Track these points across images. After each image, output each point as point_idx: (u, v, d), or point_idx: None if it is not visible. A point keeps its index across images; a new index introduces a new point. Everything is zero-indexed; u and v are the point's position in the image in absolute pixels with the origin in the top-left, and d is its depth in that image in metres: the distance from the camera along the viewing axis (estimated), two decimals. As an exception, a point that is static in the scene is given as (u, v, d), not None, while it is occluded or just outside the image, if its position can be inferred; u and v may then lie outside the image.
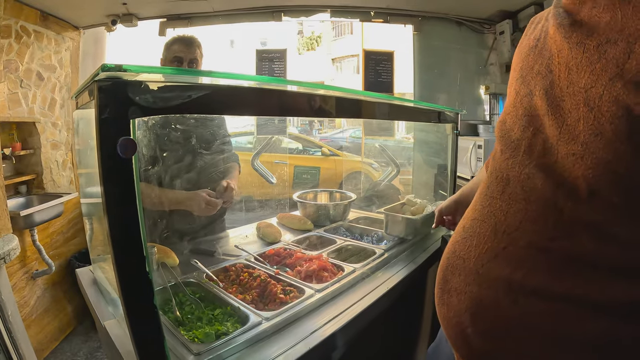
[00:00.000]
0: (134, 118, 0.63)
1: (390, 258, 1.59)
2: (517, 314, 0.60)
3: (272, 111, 1.06)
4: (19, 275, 2.51)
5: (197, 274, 1.35)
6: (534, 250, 0.59)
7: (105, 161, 0.62)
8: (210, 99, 0.72)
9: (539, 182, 0.59)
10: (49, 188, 3.06)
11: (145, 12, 3.11)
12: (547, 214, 0.58)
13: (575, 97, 0.54)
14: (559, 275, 0.57)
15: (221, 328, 1.00)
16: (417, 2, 2.98)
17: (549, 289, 0.57)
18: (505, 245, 0.63)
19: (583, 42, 0.54)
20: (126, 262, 0.66)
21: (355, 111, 1.37)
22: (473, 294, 0.66)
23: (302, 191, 2.44)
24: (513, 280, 0.61)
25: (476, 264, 0.67)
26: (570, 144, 0.54)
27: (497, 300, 0.62)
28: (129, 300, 0.68)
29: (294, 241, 1.77)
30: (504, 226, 0.64)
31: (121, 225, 0.65)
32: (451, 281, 0.72)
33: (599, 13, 0.53)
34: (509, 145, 0.67)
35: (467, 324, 0.66)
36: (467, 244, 0.70)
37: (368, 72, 3.18)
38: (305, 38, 21.14)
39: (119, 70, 0.60)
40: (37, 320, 2.64)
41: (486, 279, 0.65)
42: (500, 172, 0.68)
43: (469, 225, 0.73)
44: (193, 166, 1.79)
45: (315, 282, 1.32)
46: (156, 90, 0.65)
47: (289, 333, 1.05)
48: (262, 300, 1.21)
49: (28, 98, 2.88)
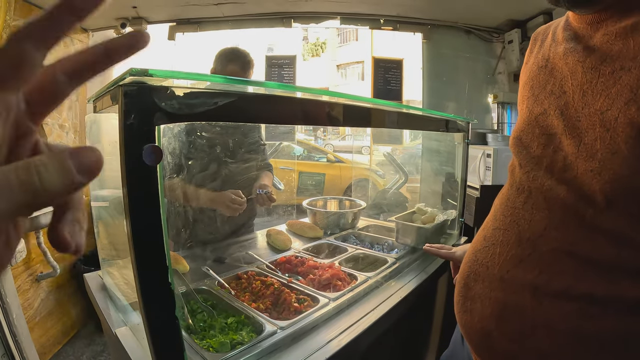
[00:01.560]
0: (159, 124, 0.62)
1: (402, 267, 1.58)
2: (542, 316, 0.64)
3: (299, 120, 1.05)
4: (23, 278, 2.49)
5: (209, 281, 1.33)
6: (557, 254, 0.63)
7: (130, 168, 0.61)
8: (236, 106, 0.71)
9: (561, 193, 0.64)
10: (55, 190, 3.04)
11: (155, 16, 3.12)
12: (569, 221, 0.63)
13: (592, 118, 0.59)
14: (582, 276, 0.61)
15: (236, 337, 0.99)
16: (426, 11, 2.98)
17: (572, 290, 0.61)
18: (530, 251, 0.67)
19: (597, 68, 0.59)
20: (148, 272, 0.65)
21: (375, 120, 1.37)
22: (498, 299, 0.70)
23: (312, 198, 2.43)
24: (538, 283, 0.65)
25: (501, 270, 0.71)
26: (588, 161, 0.59)
27: (523, 304, 0.66)
28: (150, 310, 0.67)
29: (304, 249, 1.76)
30: (528, 234, 0.68)
31: (144, 233, 0.64)
32: (474, 288, 0.76)
33: (611, 40, 0.59)
34: (529, 161, 0.72)
35: (492, 328, 0.70)
36: (490, 251, 0.74)
37: (377, 79, 3.18)
38: (310, 44, 21.21)
39: (145, 75, 0.59)
40: (41, 322, 2.62)
41: (511, 284, 0.68)
42: (521, 185, 0.73)
43: (490, 234, 0.77)
44: (223, 172, 1.80)
45: (330, 291, 1.30)
46: (182, 96, 0.64)
47: (305, 342, 1.03)
48: (275, 309, 1.20)
49: (35, 100, 2.87)
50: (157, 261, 0.65)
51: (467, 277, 0.79)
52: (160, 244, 0.65)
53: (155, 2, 2.83)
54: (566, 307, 0.61)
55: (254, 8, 2.89)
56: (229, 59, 1.83)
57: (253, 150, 1.96)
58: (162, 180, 0.63)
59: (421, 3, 2.82)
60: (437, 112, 1.82)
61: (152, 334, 0.67)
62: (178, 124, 1.53)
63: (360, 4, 2.91)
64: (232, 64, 1.81)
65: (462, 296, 0.79)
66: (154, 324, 0.67)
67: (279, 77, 3.09)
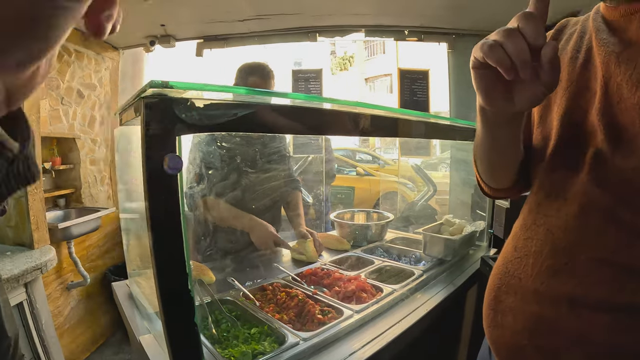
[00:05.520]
0: (180, 135, 0.64)
1: (429, 279, 1.55)
2: (578, 328, 0.60)
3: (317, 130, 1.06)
4: (54, 286, 2.60)
5: (234, 292, 1.35)
6: (595, 263, 0.59)
7: (151, 177, 0.63)
8: (256, 117, 0.73)
9: (597, 196, 0.60)
10: (87, 202, 3.17)
11: (183, 33, 3.23)
12: (607, 227, 0.59)
13: (629, 113, 0.56)
14: (622, 286, 0.57)
15: (258, 347, 0.99)
16: (450, 20, 2.96)
17: (611, 300, 0.57)
18: (566, 261, 0.63)
19: (634, 60, 0.57)
20: (168, 279, 0.66)
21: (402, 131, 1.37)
22: (533, 312, 0.66)
23: (339, 211, 2.43)
24: (576, 294, 0.61)
25: (535, 282, 0.67)
26: (628, 159, 0.56)
27: (560, 316, 0.62)
28: (170, 317, 0.68)
29: (331, 261, 1.75)
30: (564, 242, 0.64)
31: (165, 241, 0.65)
32: (505, 301, 0.72)
33: None
34: (558, 162, 0.68)
35: (526, 343, 0.66)
36: (523, 262, 0.70)
37: (403, 91, 3.17)
38: (338, 58, 21.43)
39: (165, 87, 0.61)
40: (70, 330, 2.72)
41: (547, 296, 0.65)
42: (553, 189, 0.68)
43: (521, 244, 0.73)
44: (243, 182, 1.84)
45: (354, 303, 1.29)
46: (202, 107, 0.66)
47: (327, 354, 1.02)
48: (299, 320, 1.19)
49: (68, 115, 3.01)
50: (178, 268, 0.66)
51: (497, 289, 0.75)
52: (181, 250, 0.66)
53: (182, 20, 2.94)
54: (604, 319, 0.58)
55: (279, 23, 2.95)
56: (248, 72, 1.89)
57: (274, 160, 1.99)
58: (182, 188, 0.65)
59: (445, 13, 2.80)
60: (461, 121, 1.79)
61: (170, 338, 0.68)
62: (197, 135, 1.58)
63: (384, 16, 2.93)
64: (253, 76, 1.87)
65: (492, 309, 0.75)
66: (172, 329, 0.68)
67: (305, 91, 3.12)
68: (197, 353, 0.72)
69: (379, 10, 2.81)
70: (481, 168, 0.86)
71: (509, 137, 0.71)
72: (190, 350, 0.71)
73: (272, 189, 1.94)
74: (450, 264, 1.71)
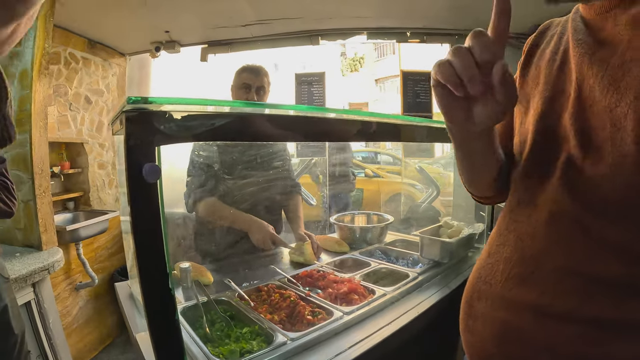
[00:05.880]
0: (159, 145, 0.68)
1: (423, 282, 1.56)
2: (545, 339, 0.59)
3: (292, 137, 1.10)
4: (63, 286, 2.67)
5: (230, 292, 1.39)
6: (561, 274, 0.59)
7: (133, 185, 0.67)
8: (232, 126, 0.77)
9: (566, 204, 0.59)
10: (96, 205, 3.25)
11: (187, 39, 3.29)
12: (574, 237, 0.58)
13: (600, 116, 0.54)
14: (588, 298, 0.56)
15: (246, 346, 1.02)
16: (452, 21, 2.96)
17: (577, 312, 0.56)
18: (533, 269, 0.62)
19: (606, 60, 0.54)
20: (151, 278, 0.70)
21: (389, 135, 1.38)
22: (500, 319, 0.66)
23: (340, 213, 2.45)
24: (541, 304, 0.60)
25: (503, 288, 0.67)
26: (597, 165, 0.54)
27: (524, 325, 0.62)
28: (153, 314, 0.72)
29: (328, 263, 1.78)
30: (531, 250, 0.63)
31: (146, 243, 0.69)
32: (476, 306, 0.72)
33: (621, 31, 0.54)
34: (534, 167, 0.67)
35: (495, 351, 0.66)
36: (494, 269, 0.70)
37: (406, 92, 3.17)
38: (348, 60, 21.43)
39: (145, 103, 0.65)
40: (78, 329, 2.79)
41: (513, 304, 0.64)
42: (525, 196, 0.68)
43: (494, 250, 0.72)
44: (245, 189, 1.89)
45: (345, 305, 1.31)
46: (180, 119, 0.70)
47: (314, 354, 1.05)
48: (290, 321, 1.22)
49: (77, 120, 3.10)
50: (159, 267, 0.70)
51: (470, 294, 0.75)
52: (162, 251, 0.70)
53: (186, 26, 3.00)
54: (570, 330, 0.57)
55: (281, 28, 2.99)
56: (241, 70, 1.99)
57: (274, 164, 2.05)
58: (162, 195, 0.68)
59: (447, 14, 2.81)
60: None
61: (153, 335, 0.72)
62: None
63: (386, 18, 2.95)
64: (245, 73, 1.97)
65: (465, 314, 0.75)
66: (155, 326, 0.72)
67: (308, 94, 3.14)
68: (178, 347, 0.76)
69: (381, 12, 2.83)
70: (462, 179, 0.86)
71: (480, 150, 0.71)
72: (172, 343, 0.75)
73: (272, 191, 1.98)
74: (447, 267, 1.71)
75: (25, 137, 2.17)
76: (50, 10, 2.23)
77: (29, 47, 2.18)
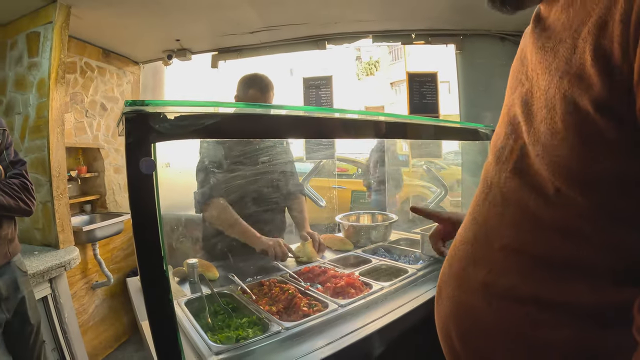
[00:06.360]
0: (154, 142, 0.75)
1: (421, 277, 1.60)
2: (491, 317, 0.61)
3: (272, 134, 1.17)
4: (79, 285, 2.78)
5: (233, 286, 1.46)
6: (506, 252, 0.60)
7: (132, 177, 0.75)
8: (220, 125, 0.84)
9: (514, 186, 0.60)
10: (112, 208, 3.37)
11: (198, 46, 3.40)
12: (520, 217, 0.59)
13: (540, 100, 0.55)
14: (527, 275, 0.57)
15: (242, 333, 1.09)
16: (457, 21, 2.99)
17: (517, 290, 0.58)
18: (484, 249, 0.65)
19: (545, 46, 0.56)
20: (147, 259, 0.78)
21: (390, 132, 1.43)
22: (455, 299, 0.68)
23: (345, 213, 2.50)
24: (487, 283, 0.62)
25: (458, 268, 0.69)
26: (536, 146, 0.55)
27: (475, 304, 0.64)
28: (150, 301, 0.79)
29: (331, 260, 1.84)
30: (484, 230, 0.66)
31: (144, 227, 0.77)
32: (443, 289, 0.74)
33: (558, 15, 0.54)
34: (495, 154, 0.68)
35: (452, 329, 0.68)
36: (455, 251, 0.72)
37: (413, 94, 3.21)
38: (363, 63, 21.44)
39: (142, 105, 0.72)
40: (94, 327, 2.90)
41: (466, 283, 0.67)
42: (486, 180, 0.69)
43: (459, 233, 0.75)
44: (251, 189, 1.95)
45: (342, 298, 1.36)
46: (173, 119, 0.77)
47: (307, 342, 1.10)
48: (286, 312, 1.28)
49: (93, 126, 3.23)
50: (154, 250, 0.77)
51: (440, 279, 0.77)
52: (157, 236, 0.77)
53: (195, 34, 3.10)
54: (513, 310, 0.58)
55: (288, 33, 3.07)
56: (248, 85, 1.98)
57: (279, 166, 2.11)
58: (157, 185, 0.76)
59: (451, 14, 2.84)
60: (464, 123, 1.84)
61: (150, 314, 0.79)
62: (205, 141, 1.71)
63: (391, 21, 3.00)
64: (252, 89, 1.96)
65: (436, 299, 0.77)
66: (152, 308, 0.80)
67: (316, 98, 3.21)
68: (172, 324, 0.83)
69: (384, 15, 2.88)
70: None
71: None
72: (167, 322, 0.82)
73: (277, 192, 2.04)
74: (445, 263, 1.75)
75: (43, 143, 2.29)
76: (65, 23, 2.35)
77: (45, 58, 2.31)
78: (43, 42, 2.35)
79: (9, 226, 1.58)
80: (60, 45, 2.32)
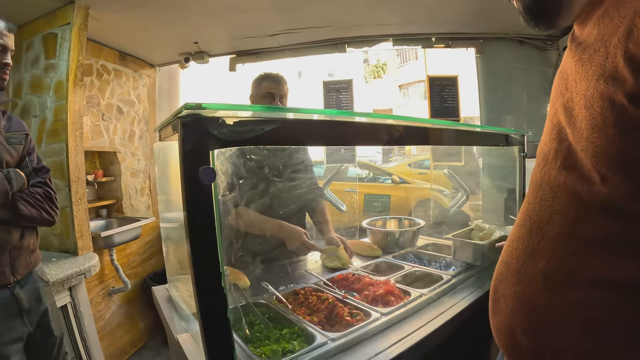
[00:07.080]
0: (213, 149, 0.72)
1: (457, 284, 1.57)
2: (556, 305, 0.64)
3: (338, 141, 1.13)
4: (96, 291, 2.75)
5: (267, 295, 1.42)
6: (562, 238, 0.65)
7: (188, 187, 0.71)
8: (280, 131, 0.80)
9: (562, 179, 0.66)
10: (128, 212, 3.35)
11: (216, 49, 3.38)
12: (570, 204, 0.65)
13: (579, 103, 0.63)
14: (586, 259, 0.62)
15: (288, 346, 1.05)
16: (477, 25, 2.96)
17: (579, 274, 0.62)
18: (539, 240, 0.69)
19: (581, 58, 0.64)
20: (204, 278, 0.74)
21: (420, 139, 1.40)
22: (517, 294, 0.71)
23: (372, 218, 2.46)
24: (548, 272, 0.66)
25: (517, 264, 0.73)
26: (580, 142, 0.63)
27: (538, 294, 0.67)
28: (205, 312, 0.75)
29: (362, 267, 1.80)
30: (537, 223, 0.70)
31: (201, 244, 0.73)
32: (500, 288, 0.77)
33: (591, 31, 0.64)
34: (543, 158, 0.74)
35: (516, 325, 0.70)
36: (510, 249, 0.77)
37: (434, 98, 3.17)
38: (371, 66, 21.49)
39: (199, 108, 0.69)
40: (111, 333, 2.87)
41: (526, 276, 0.70)
42: (535, 181, 0.75)
43: (512, 234, 0.79)
44: (271, 190, 1.92)
45: (382, 306, 1.33)
46: (232, 124, 0.74)
47: (353, 354, 1.07)
48: (329, 322, 1.24)
49: (109, 130, 3.20)
50: (213, 267, 0.73)
51: (495, 279, 0.80)
52: (215, 251, 0.73)
53: (214, 37, 3.08)
54: (577, 295, 0.62)
55: (308, 37, 3.05)
56: (262, 78, 2.03)
57: (298, 170, 2.08)
58: (216, 196, 0.72)
59: (471, 18, 2.81)
60: (488, 127, 1.81)
61: (205, 332, 0.75)
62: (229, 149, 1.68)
63: (411, 25, 2.96)
64: (266, 81, 2.00)
65: (492, 299, 0.80)
66: (207, 323, 0.76)
67: (336, 101, 3.18)
68: (229, 344, 0.79)
69: (405, 19, 2.85)
70: None
71: None
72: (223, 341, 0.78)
73: (297, 196, 2.01)
74: (480, 269, 1.71)
75: (62, 146, 2.26)
76: (84, 24, 2.33)
77: (63, 60, 2.28)
78: (61, 44, 2.31)
79: (31, 236, 1.54)
80: (79, 47, 2.30)
